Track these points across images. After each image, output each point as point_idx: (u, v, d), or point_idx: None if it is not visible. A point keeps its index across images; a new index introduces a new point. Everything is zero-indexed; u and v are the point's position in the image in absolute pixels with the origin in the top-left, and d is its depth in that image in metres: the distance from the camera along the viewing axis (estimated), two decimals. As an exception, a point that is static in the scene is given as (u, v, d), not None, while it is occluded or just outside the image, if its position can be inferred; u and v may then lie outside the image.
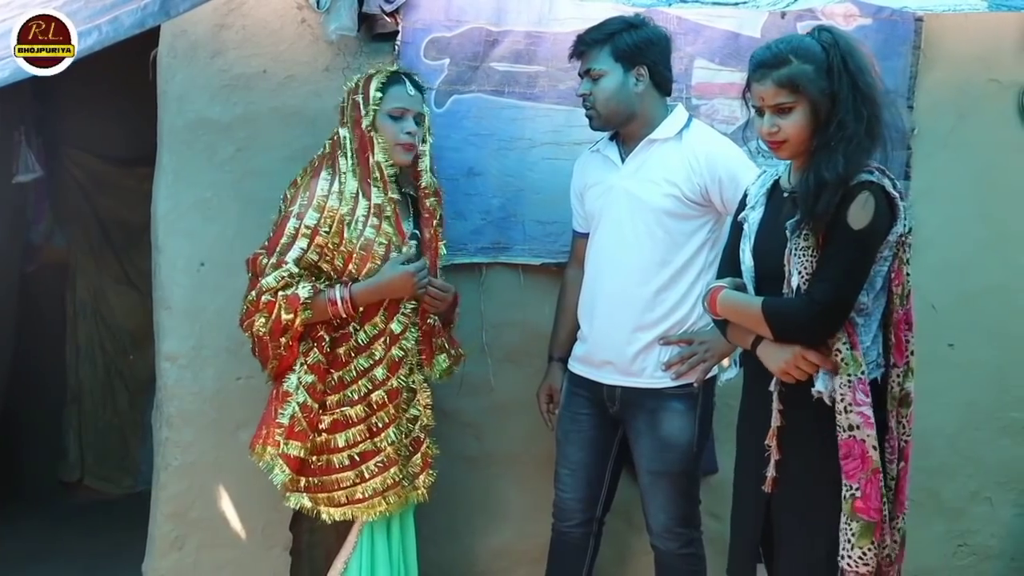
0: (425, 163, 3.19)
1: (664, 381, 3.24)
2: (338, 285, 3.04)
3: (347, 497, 3.08)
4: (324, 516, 3.09)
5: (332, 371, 3.08)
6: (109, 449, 5.68)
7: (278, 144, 3.49)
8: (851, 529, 2.54)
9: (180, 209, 3.51)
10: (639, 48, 3.20)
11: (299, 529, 3.22)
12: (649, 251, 3.22)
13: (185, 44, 3.46)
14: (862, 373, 2.56)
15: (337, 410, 3.08)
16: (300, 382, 3.05)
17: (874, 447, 2.54)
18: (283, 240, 3.02)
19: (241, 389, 3.52)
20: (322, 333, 3.06)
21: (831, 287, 2.54)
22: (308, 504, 3.09)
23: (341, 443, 3.07)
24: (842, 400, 2.55)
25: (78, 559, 4.64)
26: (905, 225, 2.61)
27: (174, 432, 3.55)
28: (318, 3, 3.42)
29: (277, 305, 2.98)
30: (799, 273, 2.58)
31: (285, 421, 3.04)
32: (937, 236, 3.86)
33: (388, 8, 3.47)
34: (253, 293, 3.02)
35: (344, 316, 3.04)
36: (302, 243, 3.01)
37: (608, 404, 3.32)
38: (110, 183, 5.64)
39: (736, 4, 3.30)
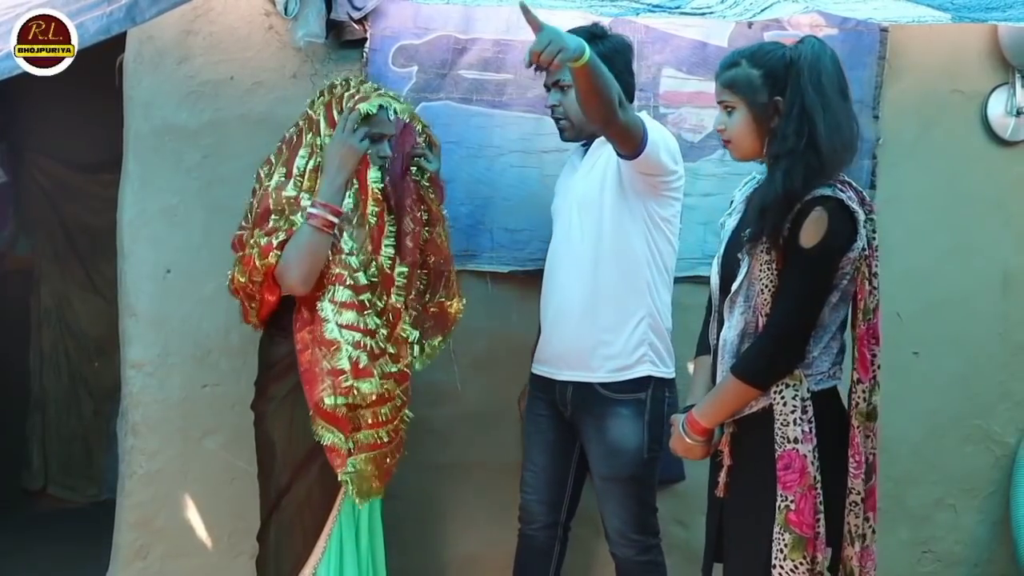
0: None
1: (613, 375, 3.19)
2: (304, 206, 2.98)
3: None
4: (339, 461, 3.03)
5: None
6: (73, 457, 5.64)
7: (245, 151, 3.47)
8: (783, 540, 2.55)
9: (146, 216, 3.49)
10: (605, 58, 3.18)
11: (266, 538, 3.20)
12: (593, 245, 3.19)
13: (152, 50, 3.45)
14: (808, 389, 2.58)
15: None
16: (337, 324, 2.96)
17: (812, 463, 2.55)
18: (271, 213, 2.97)
19: (207, 397, 3.51)
20: (340, 271, 2.98)
21: (785, 316, 2.56)
22: (341, 439, 3.02)
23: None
24: (782, 413, 2.57)
25: (41, 568, 4.60)
26: (870, 238, 2.60)
27: (139, 440, 3.52)
28: (286, 10, 3.41)
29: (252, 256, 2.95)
30: (760, 284, 2.58)
31: (346, 365, 2.96)
32: (902, 244, 3.89)
33: (356, 15, 3.47)
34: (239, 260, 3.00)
35: (331, 220, 2.95)
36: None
37: (562, 408, 3.30)
38: (75, 189, 5.61)
39: (704, 14, 3.32)
